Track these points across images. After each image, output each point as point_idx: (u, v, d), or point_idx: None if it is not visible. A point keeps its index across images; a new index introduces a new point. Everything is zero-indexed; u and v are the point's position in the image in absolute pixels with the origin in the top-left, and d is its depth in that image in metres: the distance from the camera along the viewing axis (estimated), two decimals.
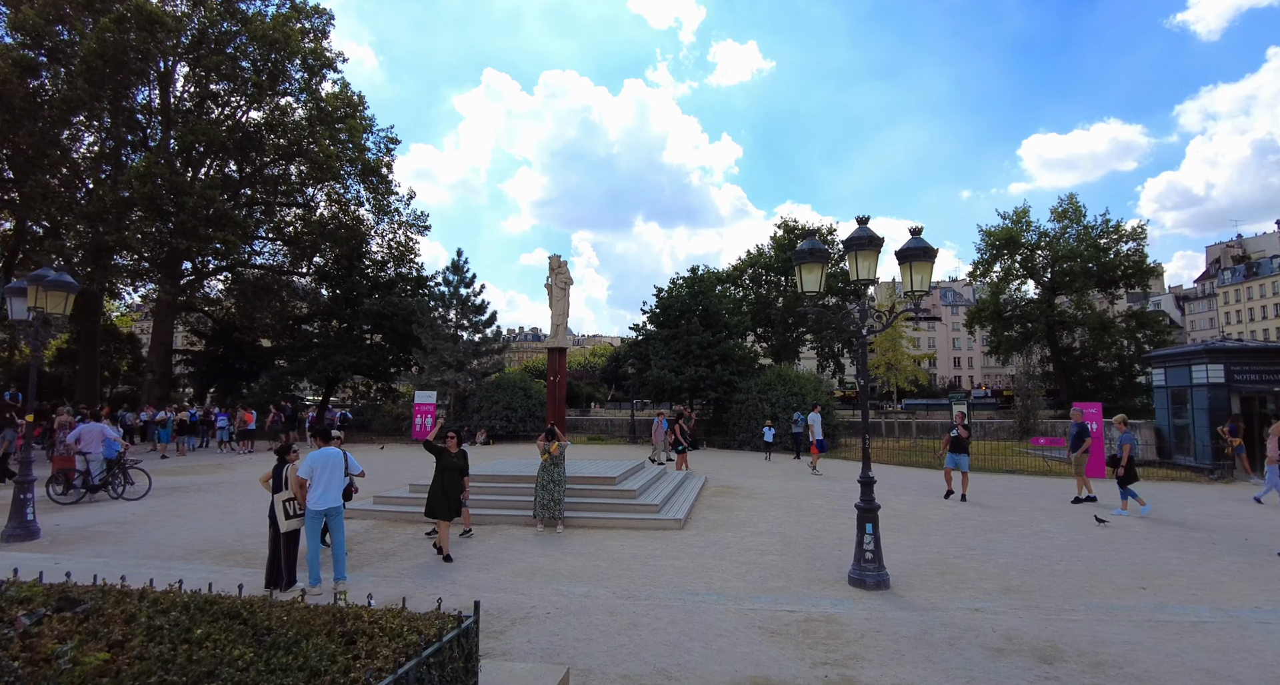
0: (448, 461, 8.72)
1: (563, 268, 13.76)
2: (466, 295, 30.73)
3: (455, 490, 8.69)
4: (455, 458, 8.79)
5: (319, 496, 7.21)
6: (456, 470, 8.76)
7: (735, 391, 25.76)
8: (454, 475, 8.71)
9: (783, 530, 10.42)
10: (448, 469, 8.69)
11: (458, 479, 8.76)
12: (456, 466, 8.77)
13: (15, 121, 29.23)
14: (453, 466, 8.73)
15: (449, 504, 8.57)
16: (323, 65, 33.45)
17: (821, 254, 7.68)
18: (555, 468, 10.34)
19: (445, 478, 8.63)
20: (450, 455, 8.75)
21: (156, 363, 34.00)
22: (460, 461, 8.85)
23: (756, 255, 43.32)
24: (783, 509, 12.29)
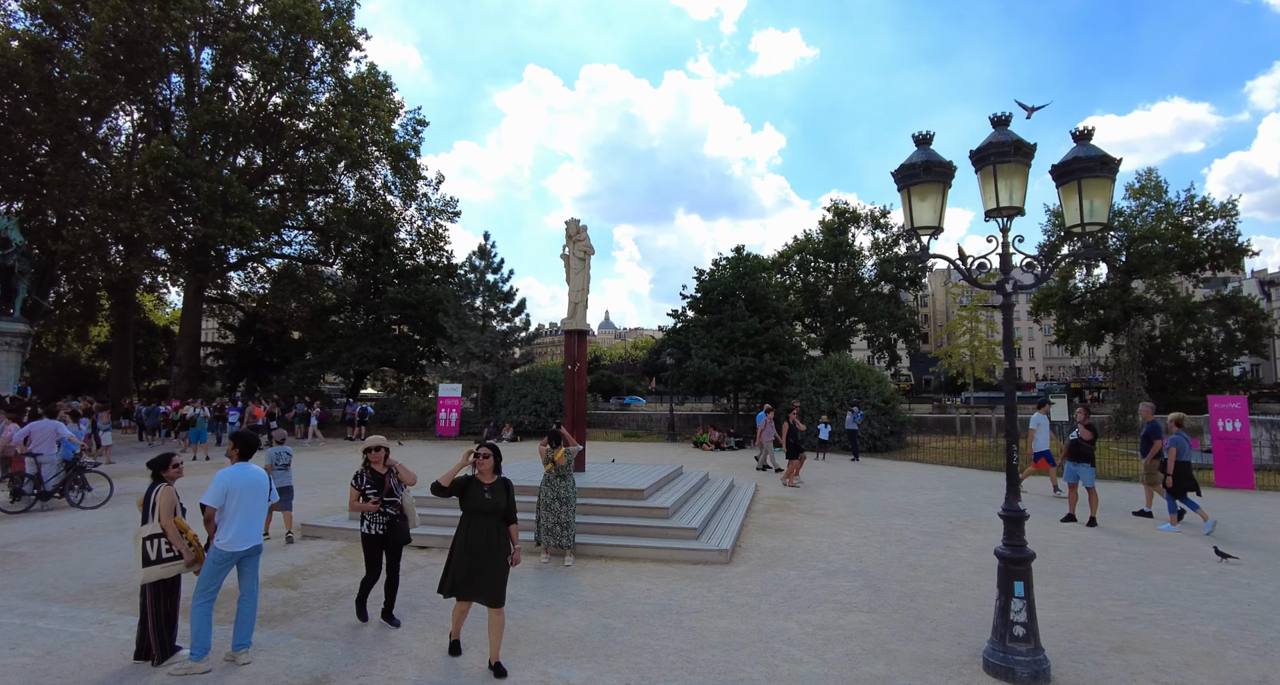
0: (477, 501, 4.95)
1: (582, 234, 11.39)
2: (494, 282, 28.72)
3: (493, 552, 4.84)
4: (489, 493, 4.98)
5: (239, 532, 5.01)
6: (494, 514, 4.94)
7: (786, 384, 23.05)
8: (489, 525, 4.90)
9: (863, 565, 7.86)
10: (477, 513, 4.92)
11: (494, 531, 4.90)
12: (493, 508, 4.94)
13: (32, 105, 28.46)
14: (486, 509, 4.92)
15: (479, 577, 4.79)
16: (346, 43, 31.82)
17: (941, 170, 5.10)
18: (562, 482, 7.98)
19: (474, 529, 4.87)
20: (482, 489, 4.99)
21: (184, 356, 33.07)
22: (499, 499, 4.99)
23: (804, 241, 40.39)
24: (857, 532, 9.69)
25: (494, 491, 5.04)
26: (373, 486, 5.83)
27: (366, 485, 5.82)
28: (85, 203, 26.10)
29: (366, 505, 5.76)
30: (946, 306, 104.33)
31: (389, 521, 5.84)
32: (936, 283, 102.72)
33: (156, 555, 5.07)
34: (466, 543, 4.89)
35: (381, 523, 5.81)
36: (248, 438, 5.38)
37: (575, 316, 11.22)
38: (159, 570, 5.05)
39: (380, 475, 5.90)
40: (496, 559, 4.88)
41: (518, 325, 28.89)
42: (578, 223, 11.44)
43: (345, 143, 29.91)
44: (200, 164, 26.30)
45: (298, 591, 6.91)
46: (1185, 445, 9.72)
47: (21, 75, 26.97)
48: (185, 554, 5.11)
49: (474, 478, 5.13)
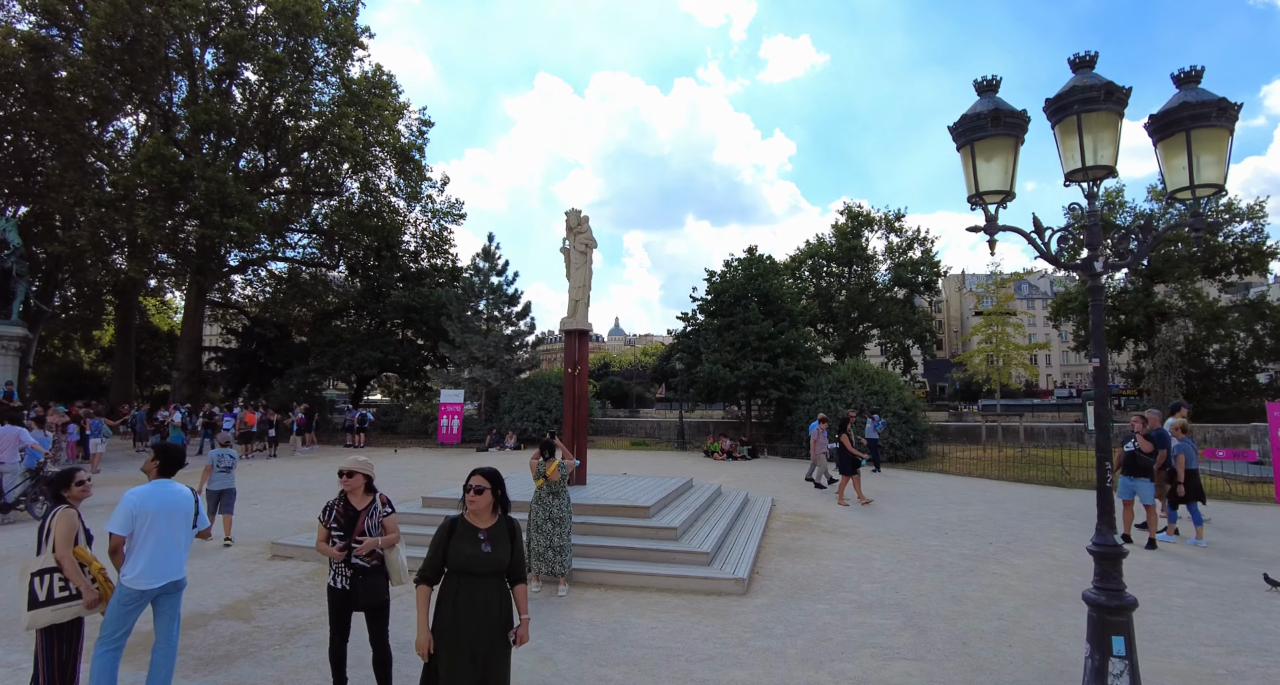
0: (470, 557, 3.30)
1: (583, 226, 10.47)
2: (498, 284, 27.87)
3: (495, 639, 3.28)
4: (488, 544, 3.34)
5: (150, 566, 4.08)
6: (494, 575, 3.36)
7: (802, 390, 22.00)
8: (487, 593, 3.31)
9: (901, 597, 6.85)
10: (468, 575, 3.31)
11: (495, 603, 3.31)
12: (493, 567, 3.34)
13: (33, 106, 28.00)
14: (483, 568, 3.31)
15: (475, 677, 3.22)
16: (349, 42, 31.22)
17: (1013, 122, 4.13)
18: (555, 499, 7.02)
19: (466, 600, 3.26)
20: (475, 537, 3.35)
21: (185, 360, 32.43)
22: (502, 552, 3.37)
23: (816, 245, 39.37)
24: (889, 555, 8.67)
25: (495, 541, 3.33)
26: (340, 525, 4.30)
27: (334, 523, 4.31)
28: (82, 203, 25.50)
29: (330, 550, 4.26)
30: (961, 312, 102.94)
31: (354, 575, 4.26)
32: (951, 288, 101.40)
33: (47, 595, 4.12)
34: (456, 627, 3.18)
35: (345, 576, 4.27)
36: (169, 450, 4.44)
37: (576, 314, 10.29)
38: (49, 613, 4.10)
39: (356, 510, 4.33)
40: (501, 651, 3.28)
41: (522, 329, 28.02)
42: (578, 213, 10.54)
43: (349, 143, 29.30)
44: (199, 164, 25.68)
45: (250, 625, 6.00)
46: (1193, 452, 9.43)
47: (21, 75, 26.52)
48: (85, 592, 4.16)
49: (461, 519, 3.39)
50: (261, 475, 16.46)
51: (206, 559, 8.18)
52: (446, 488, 12.06)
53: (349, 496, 4.41)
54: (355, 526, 4.30)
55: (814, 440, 14.92)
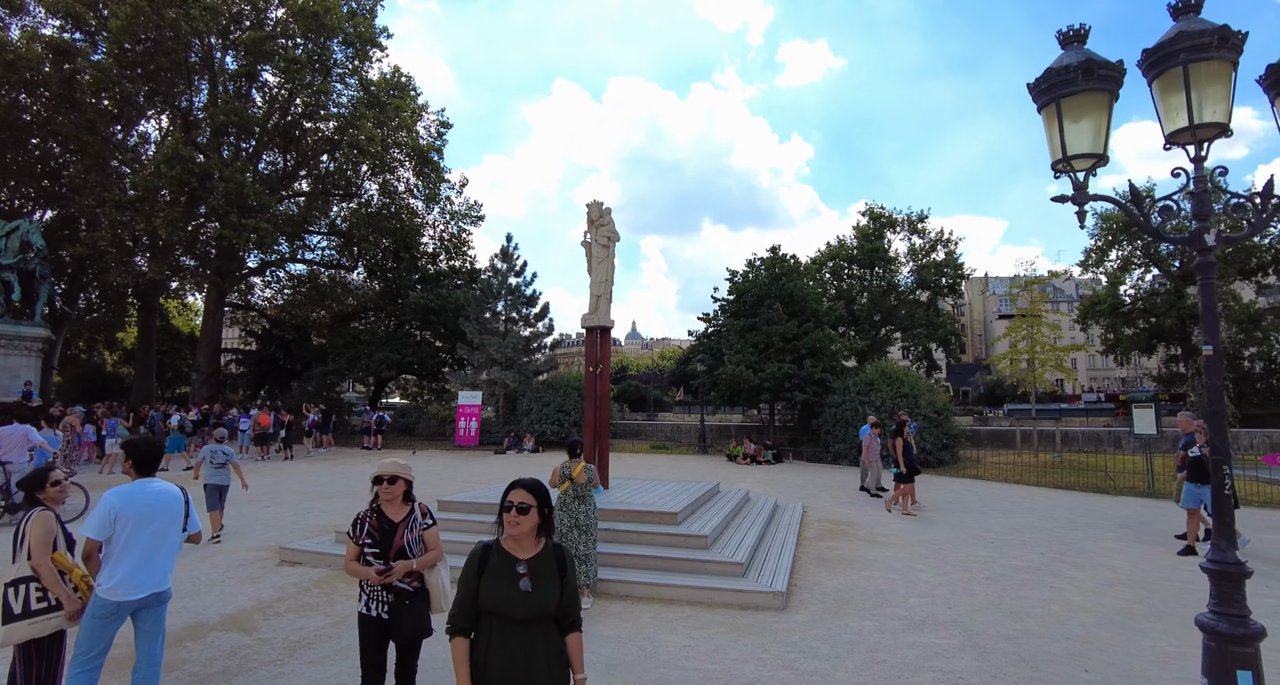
0: (507, 598, 2.49)
1: (605, 218, 10.01)
2: (516, 285, 27.53)
3: None
4: (529, 579, 2.53)
5: (129, 575, 3.66)
6: (538, 622, 2.52)
7: (828, 392, 21.36)
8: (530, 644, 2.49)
9: (955, 613, 6.28)
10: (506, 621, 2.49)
11: (541, 657, 2.48)
12: (536, 611, 2.50)
13: (56, 109, 28.19)
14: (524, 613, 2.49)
15: None
16: (368, 43, 31.13)
17: (1108, 75, 3.59)
18: (581, 505, 6.54)
19: (500, 651, 2.47)
20: (513, 571, 2.54)
21: (204, 362, 32.45)
22: (548, 591, 2.54)
23: (838, 247, 38.71)
24: (935, 566, 8.08)
25: (538, 576, 2.55)
26: (375, 541, 3.59)
27: (366, 539, 3.60)
28: (103, 205, 25.54)
29: (364, 571, 3.53)
30: (984, 316, 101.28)
31: (395, 601, 3.58)
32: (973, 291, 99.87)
33: (23, 607, 3.72)
34: None
35: (383, 601, 3.58)
36: (142, 447, 3.99)
37: (597, 311, 9.82)
38: (25, 628, 3.70)
39: (393, 523, 3.63)
40: None
41: (541, 330, 27.64)
42: (600, 205, 10.08)
43: (367, 144, 29.16)
44: (218, 164, 25.64)
45: (252, 637, 5.58)
46: None
47: (45, 79, 26.70)
48: (66, 602, 3.76)
49: (497, 547, 2.62)
50: (277, 477, 16.17)
51: (212, 563, 7.81)
52: (464, 490, 11.65)
53: (384, 507, 3.70)
54: (393, 542, 3.58)
55: (866, 445, 14.05)
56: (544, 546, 2.66)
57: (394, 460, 3.77)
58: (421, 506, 3.83)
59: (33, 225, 24.92)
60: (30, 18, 29.90)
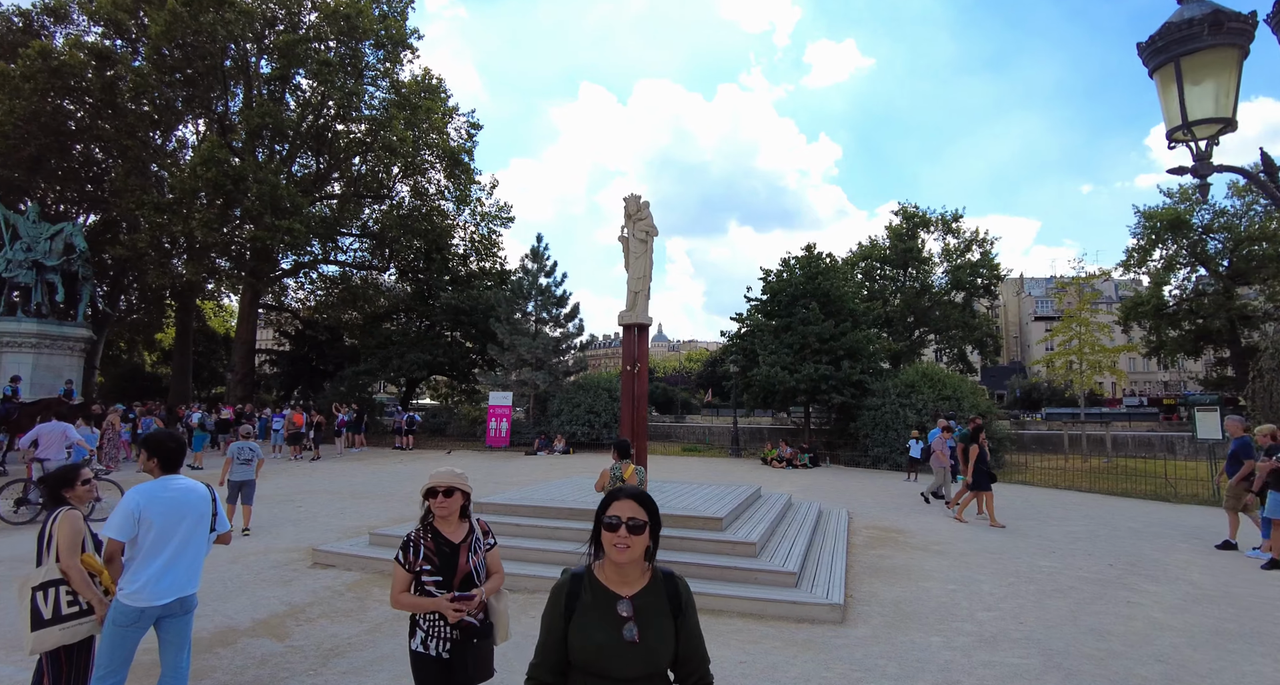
0: (608, 650, 1.93)
1: (643, 212, 9.69)
2: (546, 285, 27.37)
3: None
4: (634, 624, 1.95)
5: (154, 579, 3.40)
6: (641, 680, 1.95)
7: (866, 394, 20.77)
8: None
9: (1028, 629, 5.82)
10: (603, 678, 1.94)
11: None
12: (646, 668, 1.94)
13: (98, 114, 28.79)
14: (624, 666, 1.92)
15: None
16: (397, 44, 31.27)
17: (1238, 28, 3.16)
18: None
19: None
20: (612, 613, 1.97)
21: (238, 362, 32.88)
22: (661, 637, 1.97)
23: (869, 247, 38.04)
24: (996, 577, 7.60)
25: (646, 618, 1.98)
26: (435, 566, 2.96)
27: (423, 562, 2.96)
28: (142, 208, 25.96)
29: (428, 604, 2.90)
30: (1019, 317, 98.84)
31: (460, 638, 2.94)
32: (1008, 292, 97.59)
33: (53, 612, 3.50)
34: None
35: (445, 638, 2.93)
36: (162, 442, 3.69)
37: (635, 307, 9.50)
38: (56, 634, 3.49)
39: (453, 545, 3.02)
40: None
41: (571, 331, 27.43)
42: (637, 199, 9.76)
43: (399, 145, 29.28)
44: (252, 166, 25.91)
45: (284, 645, 5.34)
46: None
47: (87, 85, 27.25)
48: (98, 606, 3.54)
49: (589, 577, 2.06)
50: (310, 477, 16.13)
51: (244, 564, 7.64)
52: (498, 492, 11.39)
53: (439, 525, 3.05)
54: (457, 568, 2.97)
55: (936, 450, 13.17)
56: (651, 577, 2.05)
57: (449, 470, 3.09)
58: (481, 523, 3.23)
59: (75, 228, 25.44)
60: (74, 26, 30.64)
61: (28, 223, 23.61)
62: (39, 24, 30.48)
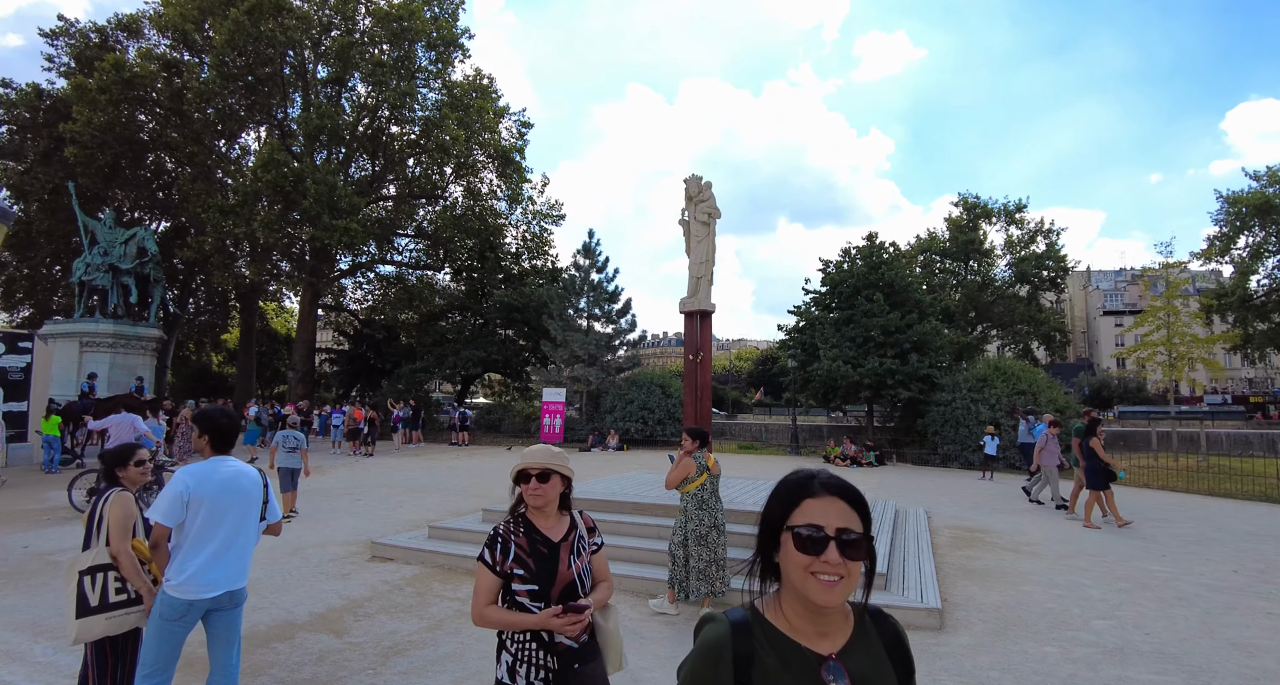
0: None
1: (705, 193, 9.22)
2: (599, 281, 27.13)
3: None
4: None
5: (203, 568, 3.10)
6: None
7: (935, 389, 19.79)
8: None
9: (1158, 642, 5.13)
10: None
11: None
12: None
13: (166, 123, 29.90)
14: None
15: None
16: (449, 44, 31.52)
17: None
18: (717, 501, 5.78)
19: None
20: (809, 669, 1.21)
21: (299, 361, 33.71)
22: None
23: (928, 240, 36.61)
24: (1103, 582, 6.86)
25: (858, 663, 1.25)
26: (531, 570, 2.32)
27: (513, 565, 2.33)
28: (207, 211, 26.79)
29: (522, 620, 2.28)
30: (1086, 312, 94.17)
31: (561, 667, 2.28)
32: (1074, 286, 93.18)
33: (100, 599, 3.28)
34: None
35: (541, 666, 2.27)
36: (214, 418, 3.36)
37: (697, 294, 9.05)
38: (102, 623, 3.26)
39: (553, 543, 2.39)
40: None
41: (623, 327, 27.11)
42: (699, 180, 9.29)
43: (450, 145, 29.51)
44: (310, 168, 26.45)
45: (342, 641, 5.07)
46: None
47: (157, 94, 28.31)
48: (147, 596, 3.28)
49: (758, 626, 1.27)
50: (367, 471, 16.19)
51: (303, 556, 7.48)
52: None
53: (533, 517, 2.42)
54: (556, 573, 2.32)
55: (1040, 447, 12.03)
56: (856, 622, 1.30)
57: (545, 447, 2.47)
58: (585, 518, 2.54)
59: (147, 233, 26.38)
60: (145, 41, 31.91)
61: (104, 229, 24.56)
62: (114, 40, 31.86)
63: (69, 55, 31.05)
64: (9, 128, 30.97)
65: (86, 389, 18.46)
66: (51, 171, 29.17)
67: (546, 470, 2.36)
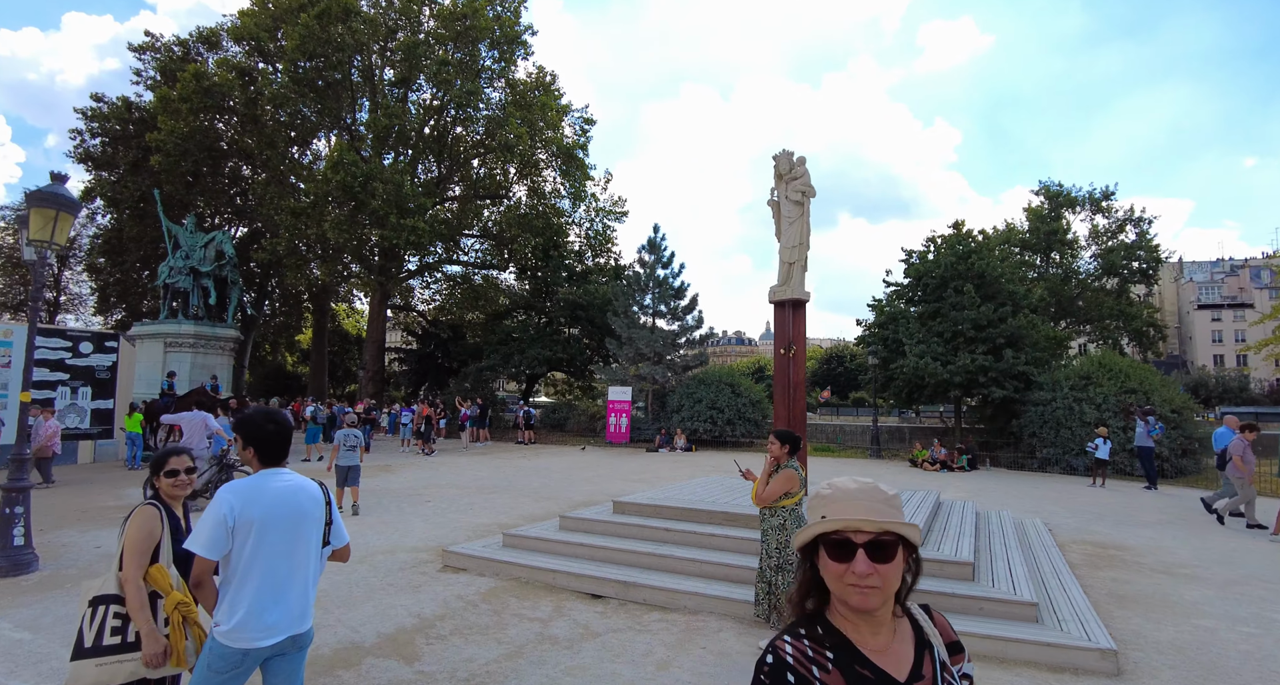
0: None
1: (797, 170, 8.36)
2: (664, 277, 26.43)
3: None
4: None
5: (254, 609, 2.48)
6: None
7: (1031, 388, 18.26)
8: None
9: None
10: None
11: None
12: None
13: (242, 130, 30.78)
14: None
15: None
16: (512, 41, 31.38)
17: None
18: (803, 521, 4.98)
19: None
20: None
21: (370, 360, 34.27)
22: None
23: (1005, 231, 34.42)
24: None
25: None
26: None
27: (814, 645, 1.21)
28: (280, 213, 27.38)
29: None
30: (1178, 306, 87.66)
31: None
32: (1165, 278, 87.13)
33: (95, 638, 2.64)
34: None
35: None
36: (258, 424, 2.69)
37: (790, 281, 8.20)
38: (93, 671, 2.60)
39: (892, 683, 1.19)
40: None
41: (690, 323, 26.31)
42: (790, 156, 8.46)
43: (515, 142, 29.36)
44: (378, 168, 26.70)
45: (413, 669, 4.49)
46: None
47: (234, 102, 29.14)
48: (145, 641, 2.64)
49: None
50: (436, 471, 15.92)
51: (372, 565, 7.01)
52: (631, 491, 10.43)
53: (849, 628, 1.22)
54: None
55: (1237, 456, 9.84)
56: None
57: (865, 487, 1.25)
58: (939, 620, 1.33)
59: (224, 236, 27.14)
60: (224, 52, 32.99)
61: (186, 233, 25.36)
62: (195, 52, 33.06)
63: (155, 69, 32.35)
64: (102, 140, 32.51)
65: (166, 387, 18.90)
66: (140, 180, 30.42)
67: (885, 536, 1.19)
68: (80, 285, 40.00)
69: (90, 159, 32.47)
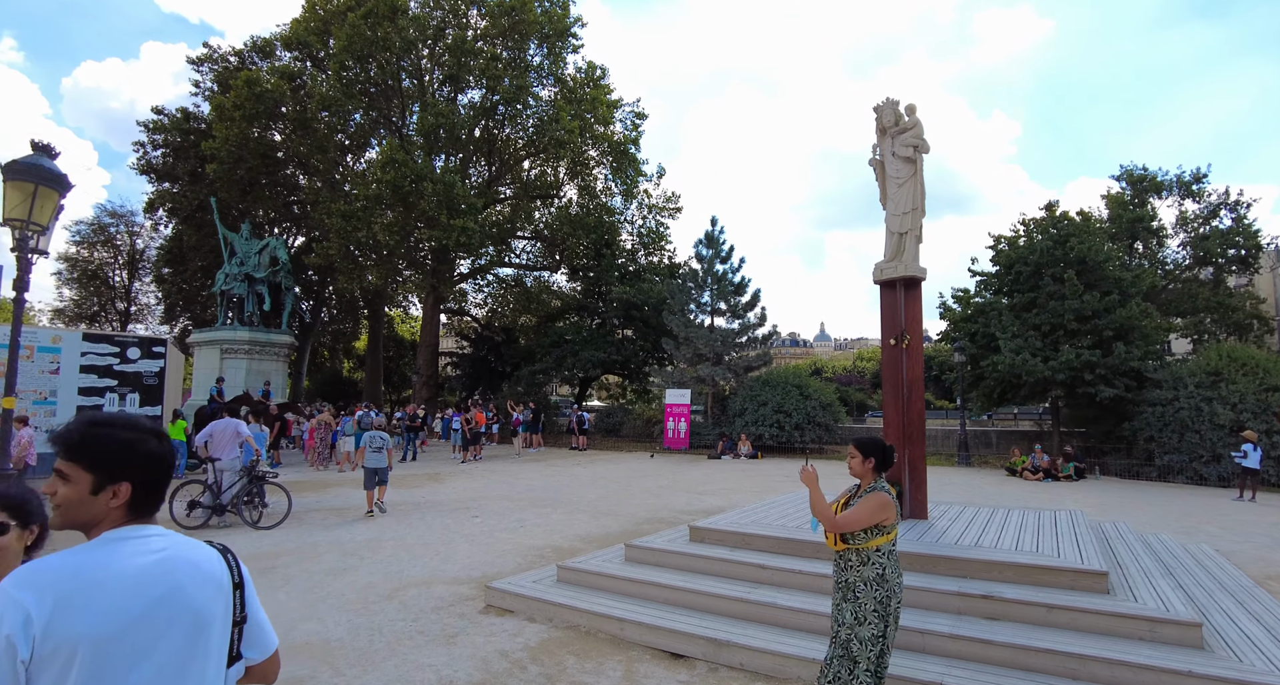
0: None
1: (904, 122, 6.90)
2: (723, 272, 24.97)
3: None
4: None
5: None
6: None
7: (1146, 386, 16.12)
8: None
9: None
10: None
11: None
12: None
13: (293, 134, 30.72)
14: None
15: None
16: (561, 34, 30.47)
17: None
18: (898, 571, 3.33)
19: None
20: None
21: (423, 365, 33.86)
22: None
23: (1080, 221, 31.55)
24: None
25: None
26: None
27: None
28: (331, 217, 27.08)
29: None
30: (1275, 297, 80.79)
31: None
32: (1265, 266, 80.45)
33: None
34: None
35: None
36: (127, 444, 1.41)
37: (901, 255, 6.73)
38: None
39: None
40: None
41: (751, 321, 24.75)
42: (895, 105, 7.00)
43: (567, 137, 28.42)
44: (428, 167, 26.11)
45: None
46: None
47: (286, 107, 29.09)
48: None
49: None
50: (487, 479, 14.89)
51: (402, 603, 5.85)
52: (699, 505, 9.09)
53: None
54: None
55: None
56: None
57: None
58: None
59: (278, 242, 27.03)
60: (276, 60, 33.15)
61: (242, 240, 25.29)
62: (250, 61, 33.32)
63: (212, 80, 32.72)
64: (163, 151, 33.04)
65: (215, 393, 18.48)
66: (198, 189, 30.70)
67: None
68: (148, 295, 41.04)
69: (153, 170, 33.02)
